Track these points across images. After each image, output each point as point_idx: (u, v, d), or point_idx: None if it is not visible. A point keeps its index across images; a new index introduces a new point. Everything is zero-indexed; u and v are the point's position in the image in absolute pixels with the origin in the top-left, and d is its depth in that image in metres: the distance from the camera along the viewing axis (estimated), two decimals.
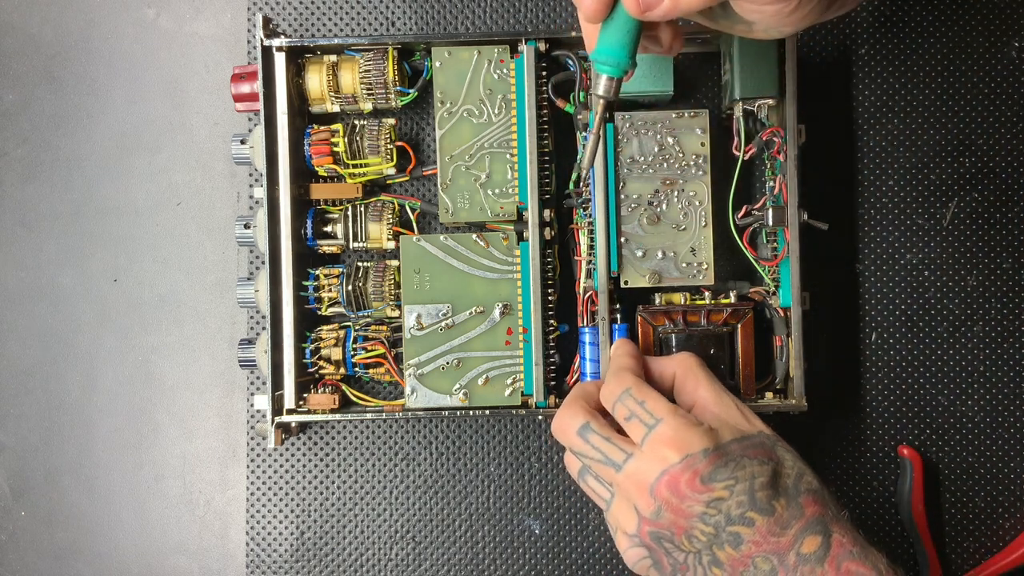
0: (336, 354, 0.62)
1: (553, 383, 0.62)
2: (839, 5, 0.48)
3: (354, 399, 0.64)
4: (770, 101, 0.60)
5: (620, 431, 0.51)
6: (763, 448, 0.49)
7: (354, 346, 0.62)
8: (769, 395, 0.61)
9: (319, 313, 0.64)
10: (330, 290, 0.63)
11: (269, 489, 0.67)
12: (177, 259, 0.69)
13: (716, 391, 0.52)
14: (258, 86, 0.61)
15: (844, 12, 0.49)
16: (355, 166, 0.63)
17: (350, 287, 0.62)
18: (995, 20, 0.66)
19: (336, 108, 0.64)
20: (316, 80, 0.62)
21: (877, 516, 0.65)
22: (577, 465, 0.53)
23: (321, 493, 0.67)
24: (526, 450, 0.66)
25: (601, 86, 0.47)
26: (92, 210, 0.69)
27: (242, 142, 0.63)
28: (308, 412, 0.62)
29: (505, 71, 0.61)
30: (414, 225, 0.64)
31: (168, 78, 0.69)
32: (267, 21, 0.61)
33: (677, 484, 0.47)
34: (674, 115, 0.61)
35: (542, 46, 0.61)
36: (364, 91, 0.62)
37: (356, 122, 0.63)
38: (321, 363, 0.63)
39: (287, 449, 0.67)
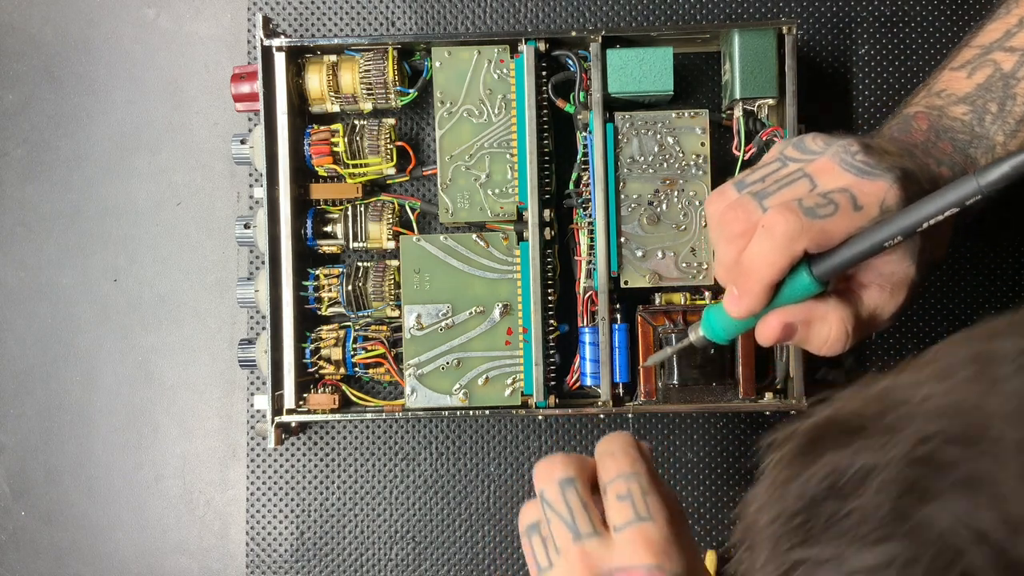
0: (336, 354, 0.62)
1: (553, 383, 0.62)
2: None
3: (354, 399, 0.64)
4: (770, 101, 0.60)
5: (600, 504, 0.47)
6: None
7: (354, 346, 0.62)
8: (769, 395, 0.61)
9: (319, 313, 0.64)
10: (330, 290, 0.63)
11: (269, 489, 0.67)
12: (177, 259, 0.68)
13: None
14: (258, 86, 0.61)
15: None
16: (355, 166, 0.63)
17: (350, 287, 0.62)
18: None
19: (336, 108, 0.64)
20: (316, 80, 0.62)
21: None
22: (532, 517, 0.48)
23: (321, 493, 0.67)
24: (526, 450, 0.66)
25: (697, 339, 0.52)
26: (92, 210, 0.69)
27: (242, 142, 0.63)
28: (308, 412, 0.62)
29: (505, 71, 0.61)
30: (414, 225, 0.64)
31: (168, 78, 0.69)
32: (267, 21, 0.61)
33: None
34: (674, 115, 0.61)
35: (542, 46, 0.61)
36: (364, 91, 0.62)
37: (356, 122, 0.63)
38: (321, 363, 0.63)
39: (287, 449, 0.67)
